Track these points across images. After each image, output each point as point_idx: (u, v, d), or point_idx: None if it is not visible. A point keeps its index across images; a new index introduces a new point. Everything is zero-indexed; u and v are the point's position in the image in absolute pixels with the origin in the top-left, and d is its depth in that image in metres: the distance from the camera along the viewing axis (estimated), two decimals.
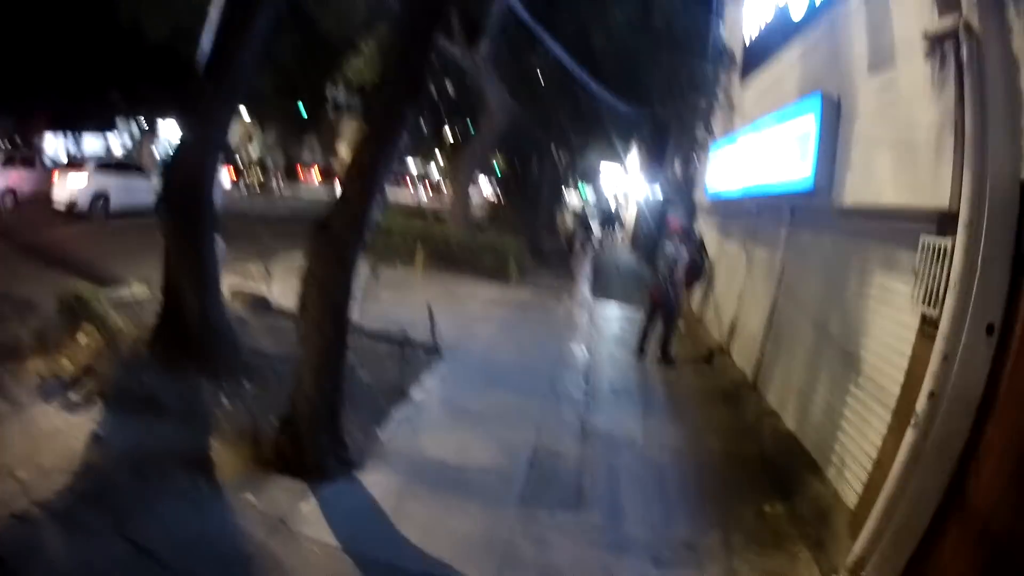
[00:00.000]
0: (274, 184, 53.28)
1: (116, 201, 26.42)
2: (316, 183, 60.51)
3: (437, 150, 49.58)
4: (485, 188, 58.98)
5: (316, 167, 68.85)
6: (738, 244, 15.61)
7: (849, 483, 7.56)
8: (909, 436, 5.90)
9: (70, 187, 25.63)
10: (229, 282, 12.82)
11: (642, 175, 42.90)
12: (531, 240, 28.01)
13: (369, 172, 7.27)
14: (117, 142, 49.00)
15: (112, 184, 26.55)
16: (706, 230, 19.26)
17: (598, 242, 31.86)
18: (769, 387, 11.53)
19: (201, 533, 6.20)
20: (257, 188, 48.89)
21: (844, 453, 7.91)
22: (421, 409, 9.83)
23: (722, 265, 16.55)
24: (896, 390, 6.70)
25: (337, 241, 7.33)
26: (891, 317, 7.41)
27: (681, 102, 19.63)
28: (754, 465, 9.54)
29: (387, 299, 15.09)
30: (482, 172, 51.99)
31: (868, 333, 7.98)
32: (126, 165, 29.12)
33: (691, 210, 22.69)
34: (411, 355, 11.40)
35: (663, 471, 9.13)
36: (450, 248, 21.71)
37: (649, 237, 36.91)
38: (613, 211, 58.18)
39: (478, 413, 9.99)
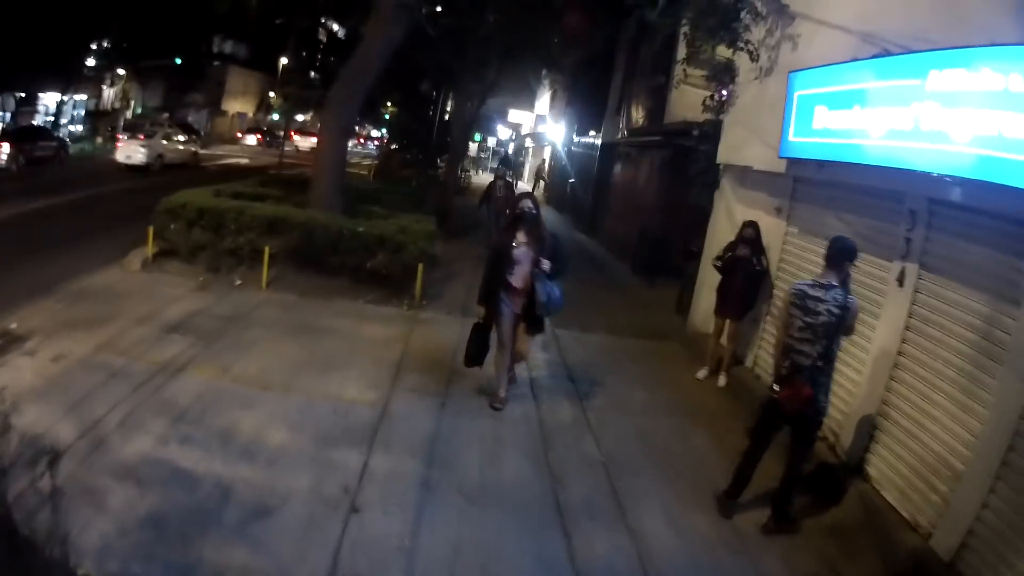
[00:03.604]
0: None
1: None
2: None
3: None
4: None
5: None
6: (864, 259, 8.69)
7: None
8: None
9: None
10: None
11: (561, 120, 38.35)
12: (440, 213, 20.40)
13: None
14: None
15: None
16: (755, 215, 11.70)
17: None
18: None
19: None
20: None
21: None
22: None
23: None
24: None
25: None
26: None
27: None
28: None
29: (189, 389, 8.30)
30: (369, 122, 47.42)
31: None
32: None
33: (694, 170, 14.52)
34: None
35: None
36: (316, 244, 13.50)
37: (580, 195, 31.61)
38: (512, 159, 51.62)
39: None
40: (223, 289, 12.45)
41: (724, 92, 13.10)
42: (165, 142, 34.33)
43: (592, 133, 31.18)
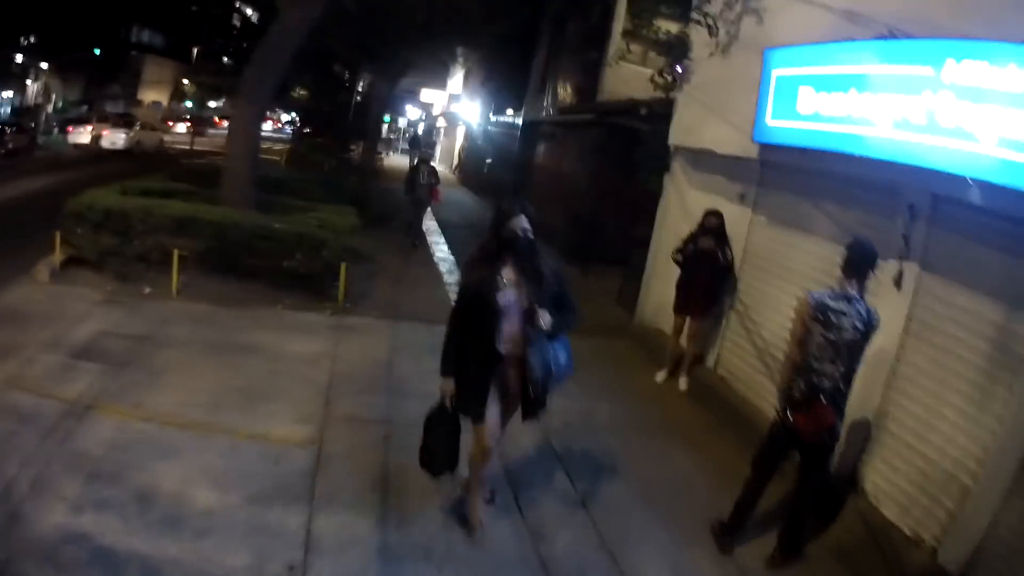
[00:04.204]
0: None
1: None
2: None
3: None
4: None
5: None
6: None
7: None
8: None
9: None
10: None
11: (477, 99, 37.72)
12: (357, 200, 18.91)
13: None
14: None
15: None
16: (713, 202, 10.84)
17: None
18: None
19: None
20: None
21: None
22: None
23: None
24: None
25: None
26: None
27: None
28: None
29: (100, 434, 7.01)
30: (281, 106, 47.75)
31: None
32: None
33: (640, 152, 13.43)
34: None
35: None
36: (230, 244, 12.06)
37: (499, 176, 30.56)
38: (423, 139, 53.12)
39: None
40: (132, 300, 11.05)
41: (679, 68, 12.11)
42: (141, 131, 41.77)
43: (512, 112, 30.11)
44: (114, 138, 39.06)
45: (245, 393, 8.24)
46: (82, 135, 39.76)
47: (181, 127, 58.30)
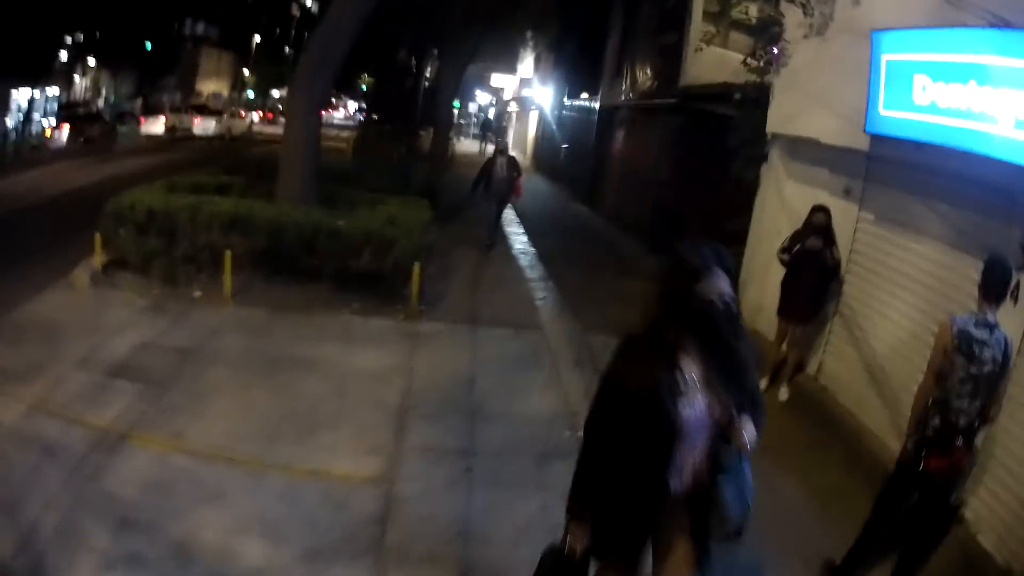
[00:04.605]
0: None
1: None
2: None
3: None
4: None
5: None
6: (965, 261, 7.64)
7: None
8: None
9: None
10: None
11: (549, 83, 37.61)
12: (427, 191, 18.16)
13: None
14: None
15: None
16: (814, 195, 10.16)
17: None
18: None
19: None
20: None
21: None
22: None
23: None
24: None
25: None
26: None
27: None
28: None
29: (135, 471, 6.34)
30: (345, 94, 48.98)
31: None
32: None
33: (735, 140, 12.41)
34: None
35: None
36: (287, 244, 11.29)
37: (576, 163, 29.99)
38: (493, 123, 53.88)
39: None
40: (180, 306, 10.47)
41: (775, 51, 11.24)
42: (231, 118, 47.90)
43: (587, 96, 29.32)
44: (206, 125, 44.77)
45: (305, 419, 7.53)
46: (154, 125, 44.24)
47: (252, 116, 59.88)
